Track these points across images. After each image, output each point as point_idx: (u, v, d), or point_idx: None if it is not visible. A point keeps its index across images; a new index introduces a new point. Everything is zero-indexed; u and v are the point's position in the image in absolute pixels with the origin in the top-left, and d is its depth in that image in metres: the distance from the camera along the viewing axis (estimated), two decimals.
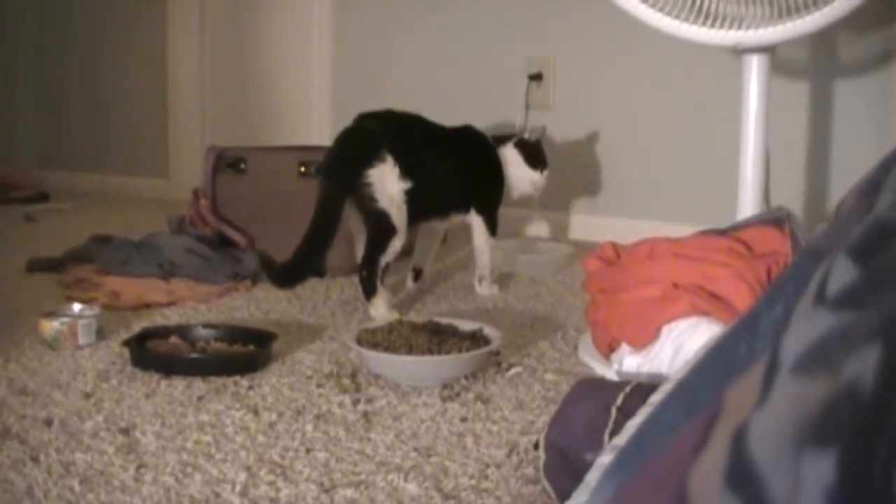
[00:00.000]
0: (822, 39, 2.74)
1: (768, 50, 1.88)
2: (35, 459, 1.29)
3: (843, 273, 0.53)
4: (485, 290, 2.37)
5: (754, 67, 1.89)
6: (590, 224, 3.21)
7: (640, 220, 3.02)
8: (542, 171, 2.44)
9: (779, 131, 1.97)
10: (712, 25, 1.81)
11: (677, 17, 1.82)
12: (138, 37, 4.44)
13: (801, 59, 2.82)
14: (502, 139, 2.42)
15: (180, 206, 2.89)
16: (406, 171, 2.09)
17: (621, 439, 0.91)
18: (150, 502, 1.17)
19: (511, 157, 2.40)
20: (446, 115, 2.34)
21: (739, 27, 1.79)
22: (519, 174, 2.42)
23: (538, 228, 3.33)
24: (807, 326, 0.52)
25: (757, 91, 1.90)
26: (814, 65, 2.82)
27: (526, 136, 2.44)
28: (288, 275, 2.06)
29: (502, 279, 2.48)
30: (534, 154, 2.44)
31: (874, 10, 1.97)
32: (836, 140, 2.80)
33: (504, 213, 2.38)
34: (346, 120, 2.20)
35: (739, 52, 1.89)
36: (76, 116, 4.68)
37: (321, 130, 3.78)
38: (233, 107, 4.26)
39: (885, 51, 2.70)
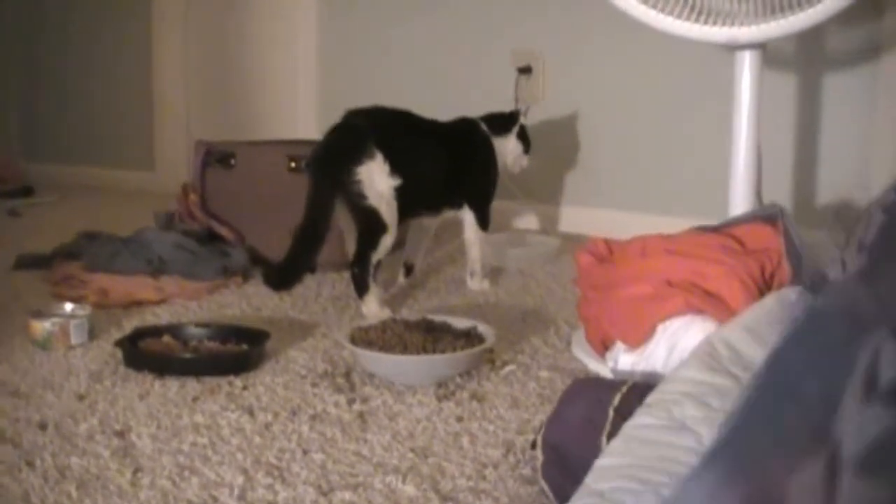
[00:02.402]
0: (811, 33, 2.73)
1: (760, 46, 1.87)
2: (30, 464, 1.29)
3: (894, 361, 0.51)
4: (476, 284, 2.37)
5: (746, 63, 1.88)
6: (579, 216, 3.21)
7: (630, 213, 3.02)
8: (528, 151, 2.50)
9: (766, 124, 1.97)
10: (705, 22, 1.80)
11: (670, 13, 1.81)
12: (123, 28, 4.41)
13: (788, 52, 2.82)
14: (502, 124, 2.43)
15: (166, 199, 2.87)
16: (395, 168, 2.08)
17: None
18: None
19: (512, 148, 2.42)
20: (435, 109, 2.33)
21: (733, 24, 1.79)
22: (514, 162, 2.45)
23: (527, 221, 3.32)
24: (863, 422, 0.50)
25: (749, 87, 1.89)
26: (802, 58, 2.82)
27: (523, 120, 2.46)
28: (283, 277, 2.06)
29: (493, 273, 2.47)
30: (527, 138, 2.48)
31: (863, 3, 1.96)
32: (823, 133, 2.80)
33: (493, 205, 2.38)
34: (332, 113, 2.19)
35: (732, 48, 1.89)
36: (61, 108, 4.63)
37: (307, 123, 3.76)
38: (218, 99, 4.23)
39: (874, 44, 2.70)
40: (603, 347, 1.69)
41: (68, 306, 1.91)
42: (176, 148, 4.18)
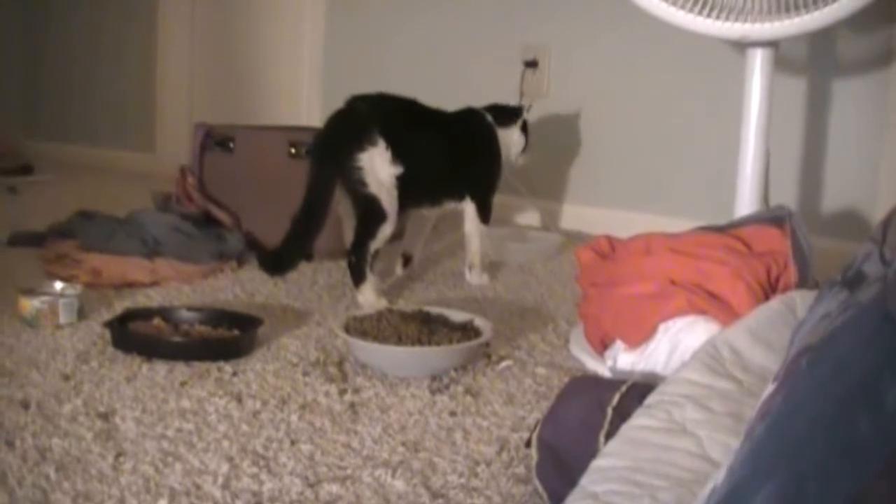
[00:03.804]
0: (822, 36, 2.70)
1: (773, 44, 1.84)
2: (10, 444, 1.25)
3: None
4: (475, 278, 2.33)
5: (758, 61, 1.85)
6: (582, 214, 3.17)
7: (634, 213, 2.99)
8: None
9: (774, 127, 1.93)
10: (717, 17, 1.77)
11: (682, 7, 1.78)
12: (129, 7, 4.37)
13: (799, 56, 2.78)
14: (507, 115, 2.39)
15: (166, 181, 2.84)
16: (398, 156, 2.05)
17: None
18: (128, 493, 1.14)
19: (516, 140, 2.38)
20: (439, 99, 2.29)
21: (745, 20, 1.75)
22: (515, 156, 2.41)
23: (529, 217, 3.29)
24: None
25: (759, 86, 1.86)
26: (812, 62, 2.78)
27: (526, 115, 2.42)
28: (278, 262, 2.03)
29: (492, 268, 2.44)
30: (527, 135, 2.44)
31: (876, 8, 1.93)
32: (832, 138, 2.77)
33: (494, 200, 2.34)
34: (337, 101, 2.16)
35: (744, 45, 1.85)
36: (63, 87, 4.60)
37: (310, 111, 3.73)
38: (222, 82, 4.20)
39: (886, 50, 2.67)
40: (602, 346, 1.65)
41: (58, 285, 1.87)
42: (178, 130, 4.14)
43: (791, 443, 0.65)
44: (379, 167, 2.03)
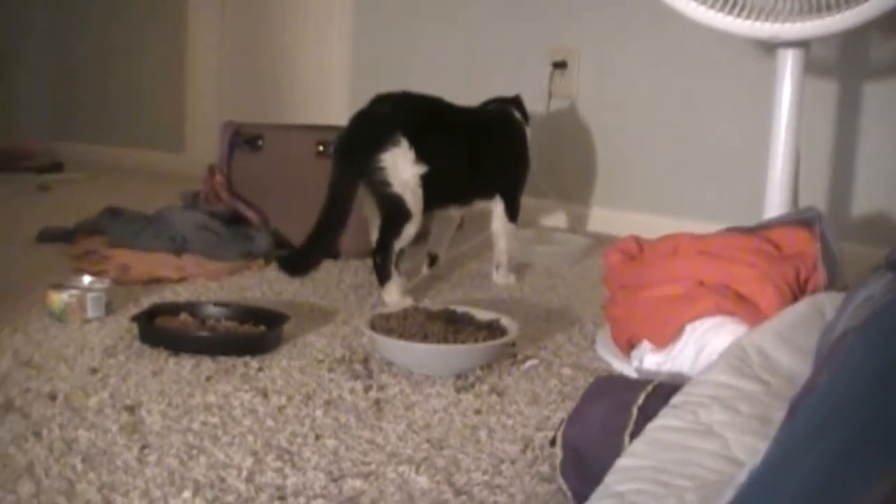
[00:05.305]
0: (853, 39, 2.68)
1: (803, 45, 1.82)
2: (37, 435, 1.26)
3: None
4: (501, 278, 2.32)
5: (788, 62, 1.83)
6: (609, 217, 3.15)
7: (661, 216, 2.96)
8: None
9: (805, 129, 1.92)
10: (748, 17, 1.76)
11: (712, 6, 1.77)
12: (158, 8, 4.40)
13: (829, 58, 2.76)
14: (522, 110, 2.41)
15: (195, 181, 2.85)
16: (421, 156, 2.04)
17: None
18: (152, 484, 1.14)
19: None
20: (466, 99, 2.29)
21: (776, 20, 1.74)
22: None
23: (556, 219, 3.28)
24: None
25: (790, 87, 1.84)
26: (843, 64, 2.75)
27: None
28: (299, 263, 2.03)
29: (518, 269, 2.43)
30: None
31: None
32: (862, 142, 2.74)
33: (521, 202, 2.34)
34: (365, 100, 2.16)
35: (774, 45, 1.84)
36: (92, 87, 4.63)
37: (339, 110, 3.72)
38: (251, 82, 4.21)
39: None
40: (629, 347, 1.64)
41: (86, 279, 1.89)
42: (207, 130, 4.15)
43: (830, 418, 0.66)
44: (402, 167, 2.02)
